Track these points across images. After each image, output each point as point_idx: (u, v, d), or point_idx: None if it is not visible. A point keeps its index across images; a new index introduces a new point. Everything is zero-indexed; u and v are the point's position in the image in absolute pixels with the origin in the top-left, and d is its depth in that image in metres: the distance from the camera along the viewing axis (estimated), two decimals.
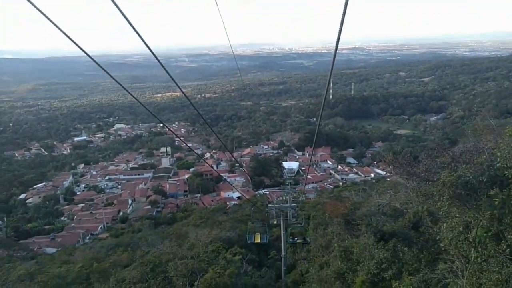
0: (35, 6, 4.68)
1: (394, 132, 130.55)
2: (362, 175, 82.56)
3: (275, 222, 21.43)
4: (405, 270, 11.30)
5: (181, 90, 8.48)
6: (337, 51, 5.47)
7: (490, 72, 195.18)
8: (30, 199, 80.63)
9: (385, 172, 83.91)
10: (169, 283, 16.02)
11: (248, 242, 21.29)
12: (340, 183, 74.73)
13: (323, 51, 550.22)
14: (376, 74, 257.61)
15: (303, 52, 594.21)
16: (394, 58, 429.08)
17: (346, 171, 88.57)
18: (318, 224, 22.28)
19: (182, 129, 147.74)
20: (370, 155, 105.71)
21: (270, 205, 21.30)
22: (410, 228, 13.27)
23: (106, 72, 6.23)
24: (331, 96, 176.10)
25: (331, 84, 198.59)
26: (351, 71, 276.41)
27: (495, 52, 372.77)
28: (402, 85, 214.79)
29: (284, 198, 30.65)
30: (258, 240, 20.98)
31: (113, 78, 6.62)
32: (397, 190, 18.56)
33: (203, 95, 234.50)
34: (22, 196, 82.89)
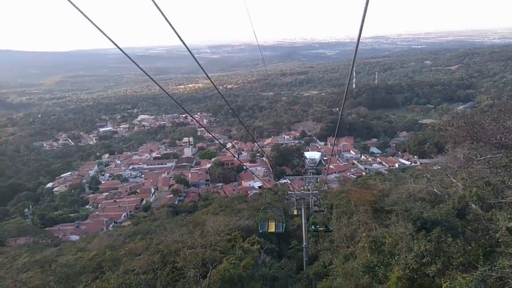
0: (74, 5, 4.94)
1: (419, 121, 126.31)
2: (386, 165, 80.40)
3: (295, 213, 20.34)
4: (450, 265, 9.51)
5: (211, 80, 10.20)
6: (360, 40, 5.24)
7: None
8: (56, 187, 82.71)
9: (410, 162, 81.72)
10: (180, 274, 15.05)
11: (260, 231, 18.54)
12: (363, 173, 72.90)
13: (345, 40, 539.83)
14: (401, 62, 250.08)
15: (326, 41, 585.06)
16: (419, 46, 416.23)
17: (370, 161, 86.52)
18: (342, 213, 20.87)
19: (204, 120, 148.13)
20: (394, 145, 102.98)
21: (290, 192, 20.13)
22: (455, 216, 11.46)
23: (136, 64, 6.52)
24: (354, 86, 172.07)
25: (354, 73, 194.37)
26: (375, 60, 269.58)
27: None
28: (427, 73, 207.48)
29: (306, 187, 29.66)
30: (272, 229, 18.30)
31: (145, 72, 6.90)
32: (435, 174, 16.73)
33: (224, 85, 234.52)
34: (49, 184, 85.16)
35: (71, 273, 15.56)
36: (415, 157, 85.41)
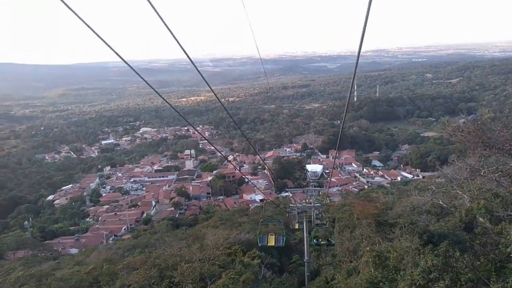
0: (77, 15, 4.85)
1: (421, 134, 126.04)
2: (389, 178, 79.88)
3: (297, 227, 19.96)
4: (458, 281, 8.95)
5: (214, 93, 9.14)
6: (361, 54, 5.26)
7: None
8: (57, 200, 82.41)
9: (412, 175, 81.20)
10: None
11: (259, 245, 17.83)
12: (366, 186, 72.37)
13: (346, 54, 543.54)
14: (402, 76, 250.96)
15: (327, 55, 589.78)
16: (420, 60, 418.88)
17: (372, 174, 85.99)
18: (345, 227, 20.41)
19: (206, 132, 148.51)
20: (396, 158, 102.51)
21: (291, 205, 19.80)
22: (462, 229, 11.00)
23: (140, 76, 6.58)
24: (355, 98, 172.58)
25: (355, 86, 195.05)
26: (376, 73, 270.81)
27: None
28: (428, 86, 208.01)
29: (307, 200, 29.32)
30: (272, 243, 17.60)
31: (148, 84, 6.98)
32: (440, 186, 16.23)
33: (226, 98, 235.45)
34: (50, 197, 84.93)
35: None
36: (417, 170, 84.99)
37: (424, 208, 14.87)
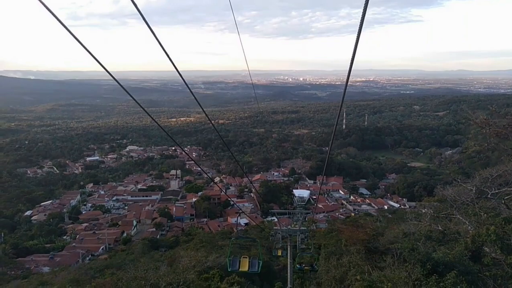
0: (66, 27, 4.58)
1: (408, 164, 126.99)
2: (376, 207, 79.35)
3: (279, 254, 18.77)
4: None
5: (205, 113, 9.22)
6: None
7: (507, 108, 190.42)
8: (35, 216, 79.69)
9: (399, 205, 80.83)
10: None
11: (229, 270, 14.76)
12: (352, 214, 71.57)
13: (336, 83, 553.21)
14: (390, 106, 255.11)
15: (317, 83, 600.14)
16: (408, 92, 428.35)
17: (359, 201, 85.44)
18: (331, 253, 19.22)
19: (193, 153, 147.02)
20: (383, 186, 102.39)
21: (276, 228, 18.72)
22: (469, 258, 9.92)
23: (130, 95, 6.44)
24: (344, 126, 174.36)
25: (344, 114, 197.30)
26: (365, 103, 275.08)
27: (511, 90, 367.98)
28: (416, 118, 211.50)
29: (293, 225, 28.33)
30: (245, 268, 14.47)
31: (138, 103, 6.83)
32: (439, 209, 14.98)
33: (216, 120, 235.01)
34: (28, 212, 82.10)
35: None
36: (404, 199, 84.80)
37: (422, 232, 13.65)
